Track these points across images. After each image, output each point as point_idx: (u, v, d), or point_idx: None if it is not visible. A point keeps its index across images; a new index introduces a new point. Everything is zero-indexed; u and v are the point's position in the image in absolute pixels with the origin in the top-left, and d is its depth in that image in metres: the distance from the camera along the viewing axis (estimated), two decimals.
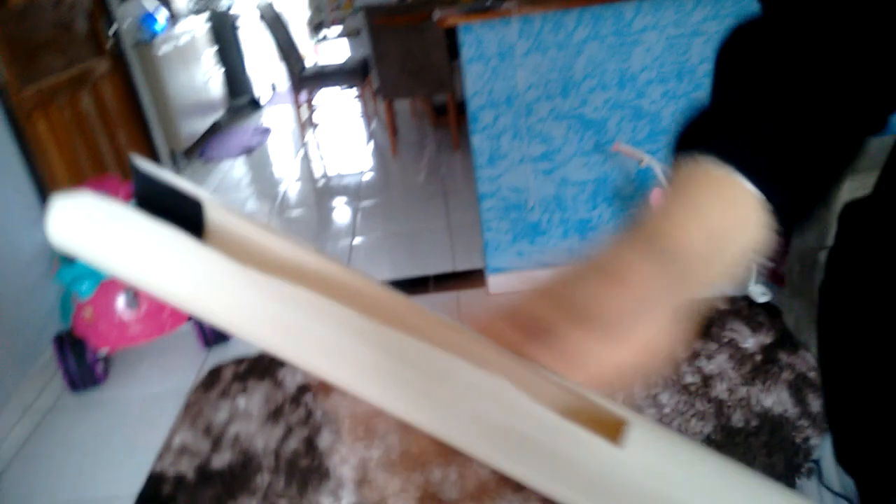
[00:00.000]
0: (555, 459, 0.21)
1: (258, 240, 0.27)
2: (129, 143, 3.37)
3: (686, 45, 2.24)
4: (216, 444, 1.97)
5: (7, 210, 2.31)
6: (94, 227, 0.23)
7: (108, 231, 0.23)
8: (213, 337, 2.39)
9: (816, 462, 0.52)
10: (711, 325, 2.27)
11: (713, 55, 0.43)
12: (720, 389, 2.00)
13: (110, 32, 3.31)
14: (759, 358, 2.10)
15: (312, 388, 1.89)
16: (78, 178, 2.76)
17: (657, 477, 0.21)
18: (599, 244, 0.34)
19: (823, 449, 0.51)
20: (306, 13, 6.54)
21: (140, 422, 2.13)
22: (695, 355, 2.14)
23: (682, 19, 2.21)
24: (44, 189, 2.49)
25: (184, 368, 2.34)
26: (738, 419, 1.89)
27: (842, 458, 0.47)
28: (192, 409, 2.13)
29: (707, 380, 2.04)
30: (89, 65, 3.10)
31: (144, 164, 0.26)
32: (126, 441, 2.06)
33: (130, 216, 0.23)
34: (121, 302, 2.20)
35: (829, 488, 0.49)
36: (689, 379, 2.05)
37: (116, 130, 3.24)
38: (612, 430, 0.22)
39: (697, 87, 2.30)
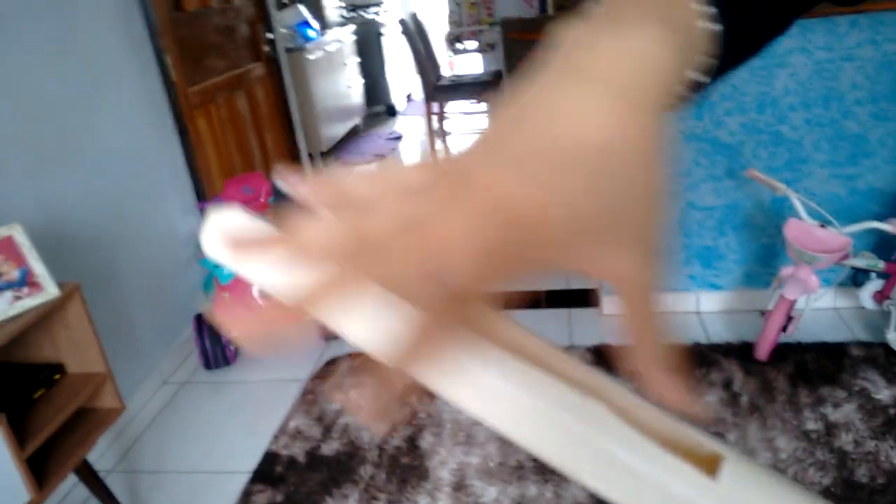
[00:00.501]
0: (649, 488, 0.22)
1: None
2: (275, 143, 3.63)
3: (836, 69, 2.12)
4: (327, 431, 2.09)
5: (167, 197, 2.57)
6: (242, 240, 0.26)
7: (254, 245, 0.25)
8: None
9: None
10: (841, 370, 2.12)
11: (866, 82, 0.40)
12: (845, 440, 1.86)
13: (268, 38, 3.58)
14: (893, 412, 1.94)
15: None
16: (228, 173, 3.01)
17: None
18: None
19: None
20: (445, 26, 6.72)
21: (261, 404, 2.29)
22: (819, 401, 2.01)
23: (834, 42, 2.09)
24: (199, 181, 2.75)
25: (303, 358, 2.50)
26: (862, 474, 1.75)
27: None
28: (307, 397, 2.26)
29: (831, 429, 1.90)
30: (247, 68, 3.37)
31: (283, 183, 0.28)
32: (247, 420, 2.22)
33: (266, 231, 0.26)
34: (255, 290, 2.38)
35: None
36: (810, 426, 1.92)
37: (264, 131, 3.50)
38: (708, 463, 0.22)
39: (846, 114, 2.16)
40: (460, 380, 0.23)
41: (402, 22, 4.51)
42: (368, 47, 5.96)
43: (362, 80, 5.87)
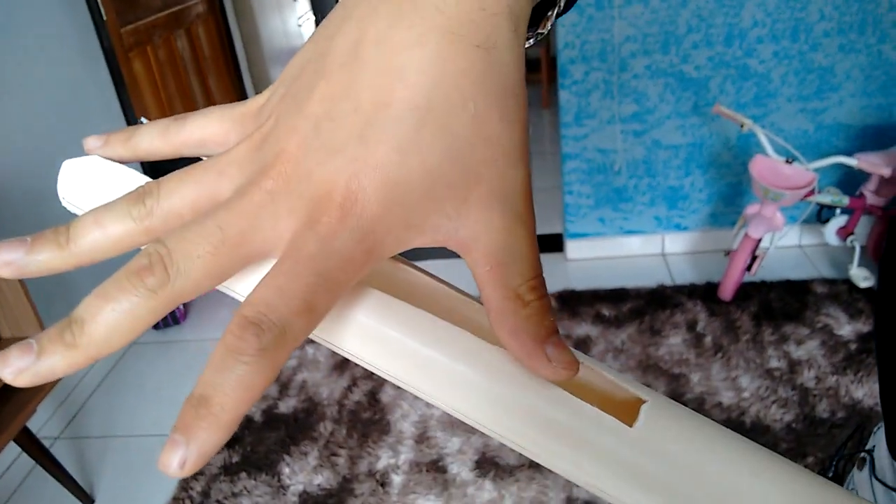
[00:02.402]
0: (562, 436, 0.21)
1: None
2: (220, 86, 3.42)
3: (804, 0, 2.03)
4: (283, 389, 2.02)
5: None
6: (99, 189, 0.24)
7: (113, 193, 0.24)
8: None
9: (869, 452, 0.49)
10: (805, 308, 2.11)
11: (834, 13, 0.33)
12: (807, 377, 1.86)
13: None
14: (854, 347, 1.94)
15: None
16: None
17: (670, 459, 0.20)
18: None
19: (878, 438, 0.48)
20: None
21: None
22: (783, 339, 2.00)
23: None
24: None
25: None
26: (823, 409, 1.76)
27: (894, 449, 0.43)
28: None
29: (793, 366, 1.90)
30: (186, 5, 3.15)
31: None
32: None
33: (135, 179, 0.24)
34: None
35: (881, 481, 0.46)
36: (773, 364, 1.92)
37: (208, 74, 3.30)
38: (628, 408, 0.22)
39: (814, 46, 2.09)
40: (341, 326, 0.21)
41: None
42: None
43: (314, 18, 5.60)
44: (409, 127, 0.18)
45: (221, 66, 3.46)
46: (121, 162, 0.25)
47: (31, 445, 1.65)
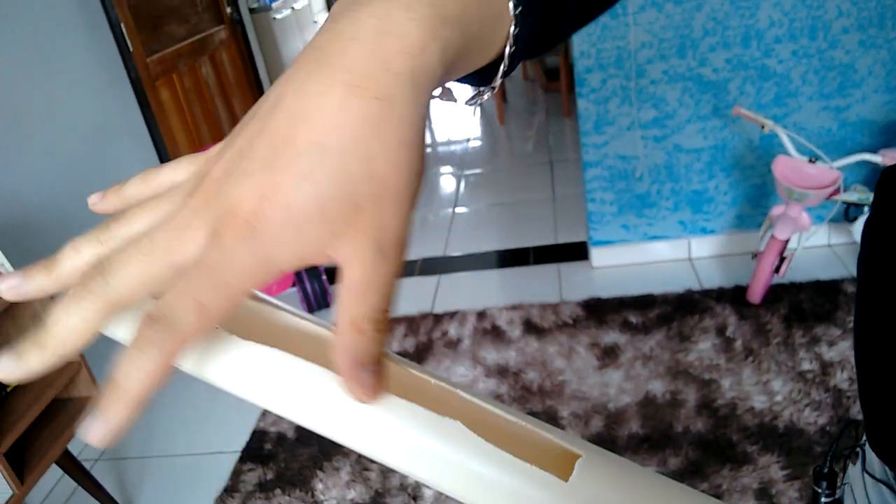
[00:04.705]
0: (502, 493, 0.22)
1: (267, 314, 0.29)
2: (244, 109, 3.50)
3: None
4: None
5: (132, 174, 2.46)
6: None
7: None
8: (316, 302, 2.46)
9: (861, 447, 0.50)
10: (836, 308, 2.08)
11: (853, 9, 0.34)
12: (840, 378, 1.83)
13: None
14: None
15: None
16: (196, 145, 2.90)
17: None
18: None
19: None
20: None
21: None
22: (814, 340, 1.97)
23: None
24: (165, 154, 2.64)
25: None
26: (857, 411, 1.72)
27: (874, 442, 0.44)
28: None
29: (826, 367, 1.87)
30: (209, 32, 3.23)
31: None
32: (233, 399, 2.16)
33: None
34: None
35: (871, 474, 0.47)
36: (806, 366, 1.89)
37: (232, 98, 3.37)
38: (565, 464, 0.23)
39: (833, 44, 2.07)
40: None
41: None
42: None
43: None
44: (308, 159, 0.21)
45: (245, 89, 3.53)
46: (115, 211, 0.29)
47: (73, 467, 1.70)
